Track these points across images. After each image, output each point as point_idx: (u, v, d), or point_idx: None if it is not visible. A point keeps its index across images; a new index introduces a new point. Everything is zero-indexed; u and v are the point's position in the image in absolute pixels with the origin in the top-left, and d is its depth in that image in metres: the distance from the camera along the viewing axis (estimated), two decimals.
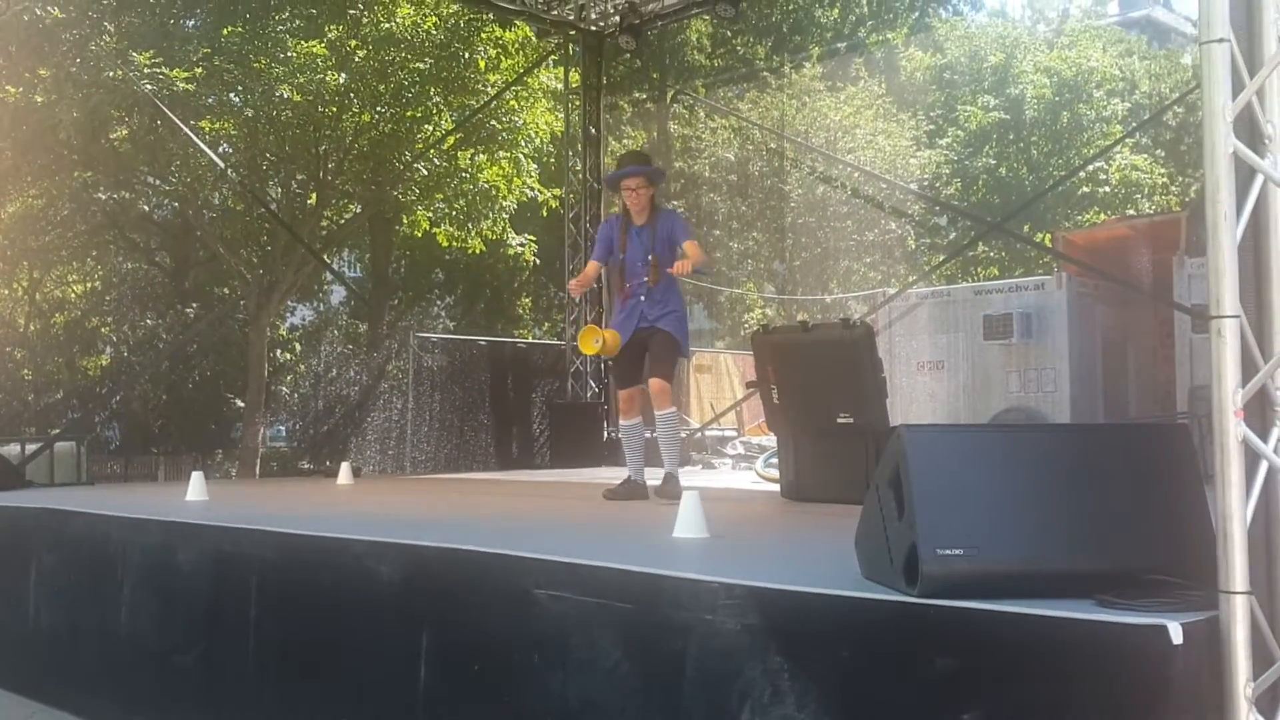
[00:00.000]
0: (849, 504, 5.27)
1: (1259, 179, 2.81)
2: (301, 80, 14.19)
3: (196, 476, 7.23)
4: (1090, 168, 23.81)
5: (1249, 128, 2.83)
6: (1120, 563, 2.96)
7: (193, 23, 15.55)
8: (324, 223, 17.21)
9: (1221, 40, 2.74)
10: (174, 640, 5.37)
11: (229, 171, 14.91)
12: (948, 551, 2.91)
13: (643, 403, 7.05)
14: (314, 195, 16.31)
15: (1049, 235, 21.84)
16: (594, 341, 6.92)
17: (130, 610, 5.66)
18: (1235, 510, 2.69)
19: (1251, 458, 2.73)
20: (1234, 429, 2.70)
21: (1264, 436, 2.78)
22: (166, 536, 5.60)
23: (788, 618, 3.16)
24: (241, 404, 18.95)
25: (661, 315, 6.80)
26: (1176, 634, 2.56)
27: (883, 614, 2.99)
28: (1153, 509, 3.08)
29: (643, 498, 6.84)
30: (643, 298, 6.84)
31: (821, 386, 6.54)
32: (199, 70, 13.76)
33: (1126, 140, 24.68)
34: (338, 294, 25.51)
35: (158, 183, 16.48)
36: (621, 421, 7.28)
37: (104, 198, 16.71)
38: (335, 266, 22.32)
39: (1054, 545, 3.00)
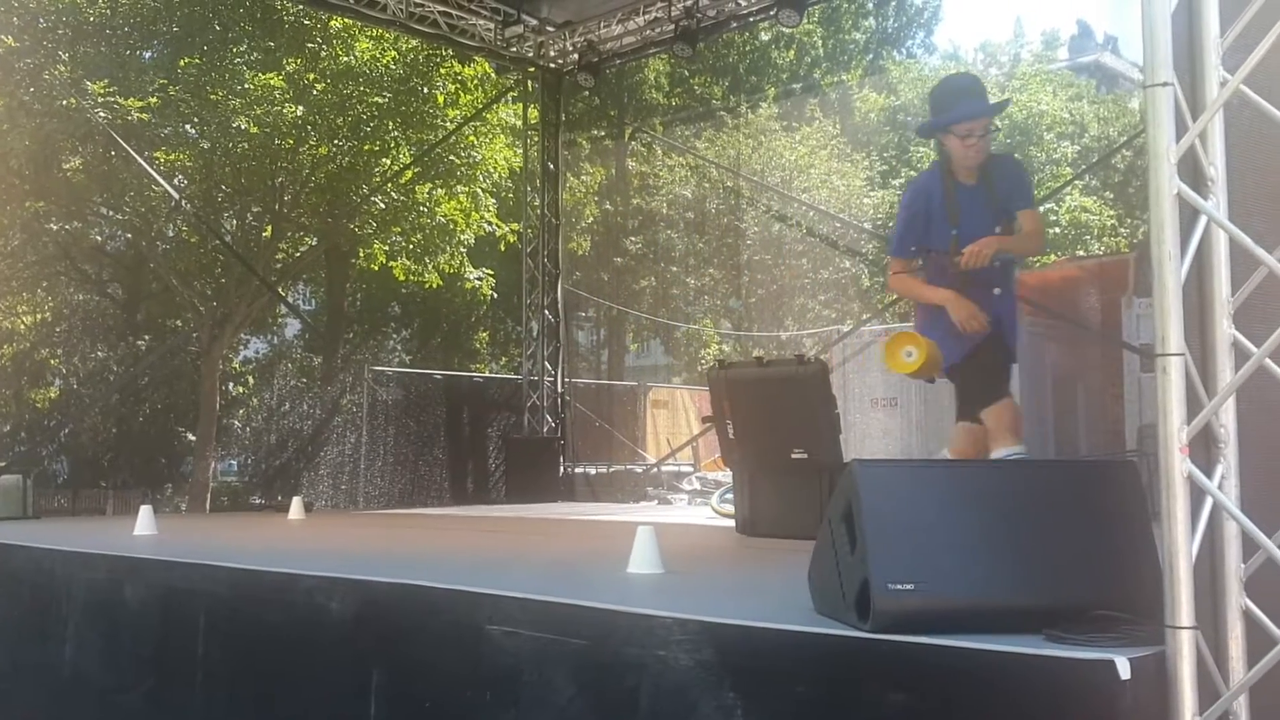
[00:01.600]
0: (804, 539, 5.29)
1: (1202, 220, 2.86)
2: (259, 112, 14.17)
3: (145, 511, 7.12)
4: (1041, 209, 24.16)
5: (1192, 169, 2.89)
6: (1069, 598, 2.99)
7: (149, 53, 15.52)
8: (279, 255, 17.12)
9: (1165, 84, 2.80)
10: (119, 678, 5.28)
11: (184, 203, 14.82)
12: (899, 586, 2.93)
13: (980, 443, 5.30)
14: (269, 227, 16.24)
15: None
16: (904, 354, 5.17)
17: (75, 647, 5.56)
18: (1181, 546, 2.72)
19: (1196, 494, 2.77)
20: (1179, 465, 2.74)
21: (1209, 473, 2.81)
22: (113, 572, 5.51)
23: (741, 653, 3.15)
24: (193, 438, 18.73)
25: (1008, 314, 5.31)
26: (1124, 669, 2.58)
27: (835, 649, 2.99)
28: (1101, 545, 3.11)
29: None
30: (997, 291, 5.22)
31: (776, 422, 6.56)
32: (154, 100, 13.71)
33: (1076, 182, 25.10)
34: (292, 327, 25.33)
35: (111, 213, 16.34)
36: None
37: (55, 228, 16.56)
38: (290, 299, 22.18)
39: (1004, 580, 3.02)
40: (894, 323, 17.42)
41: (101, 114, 12.99)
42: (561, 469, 13.81)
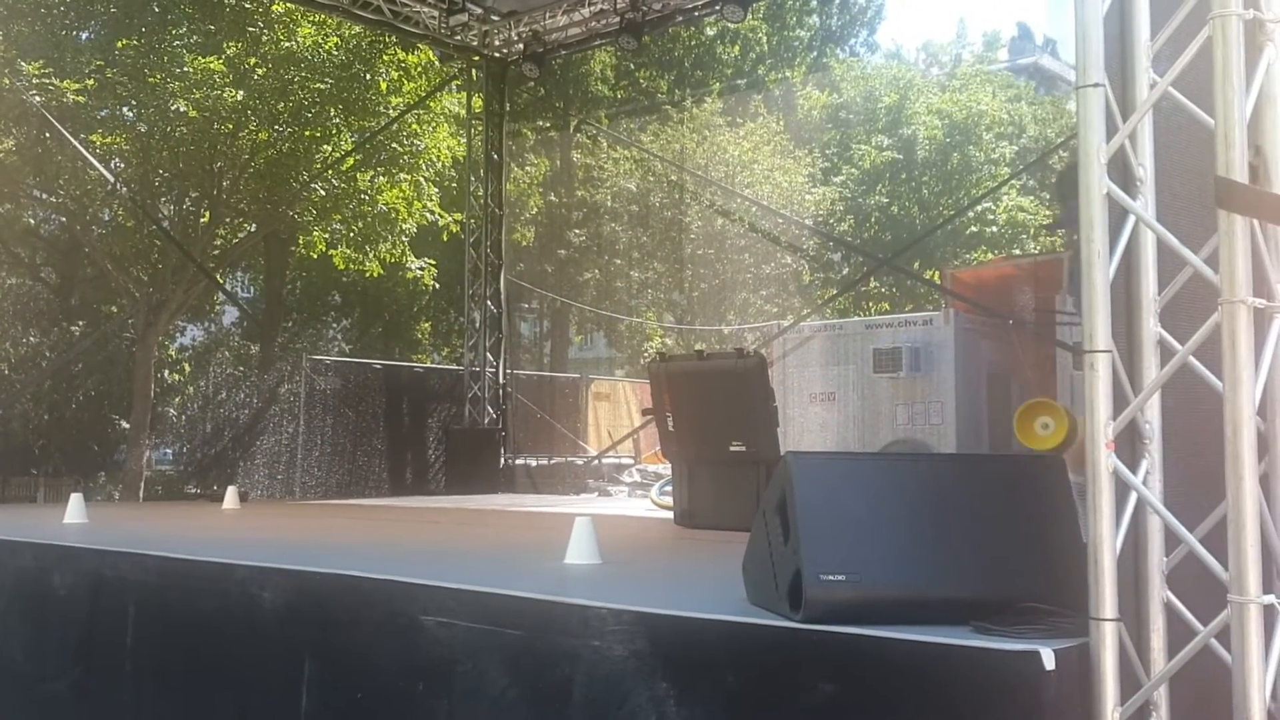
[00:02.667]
0: (741, 531, 5.33)
1: (1131, 219, 2.92)
2: (198, 96, 13.93)
3: (75, 498, 7.03)
4: (979, 208, 24.49)
5: (1122, 170, 2.95)
6: (997, 590, 3.04)
7: (86, 34, 15.19)
8: (217, 241, 16.86)
9: (1096, 85, 2.85)
10: (46, 667, 5.19)
11: (120, 187, 14.55)
12: (831, 577, 2.96)
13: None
14: (207, 213, 15.98)
15: (938, 272, 22.37)
16: (1039, 427, 4.45)
17: (1, 636, 5.46)
18: (1105, 540, 2.77)
19: (1121, 489, 2.82)
20: (1105, 460, 2.79)
21: (1133, 468, 2.87)
22: (41, 560, 5.43)
23: (674, 643, 3.17)
24: (127, 425, 18.43)
25: None
26: (1049, 660, 2.64)
27: (767, 639, 3.02)
28: (1028, 538, 3.17)
29: None
30: None
31: (715, 415, 6.60)
32: (91, 82, 13.43)
33: (1013, 182, 25.43)
34: (230, 314, 24.98)
35: (45, 196, 16.01)
36: None
37: None
38: (228, 286, 21.88)
39: (934, 572, 3.07)
40: (833, 318, 17.56)
41: (36, 95, 12.72)
42: (502, 460, 13.78)
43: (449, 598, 3.73)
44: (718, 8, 11.85)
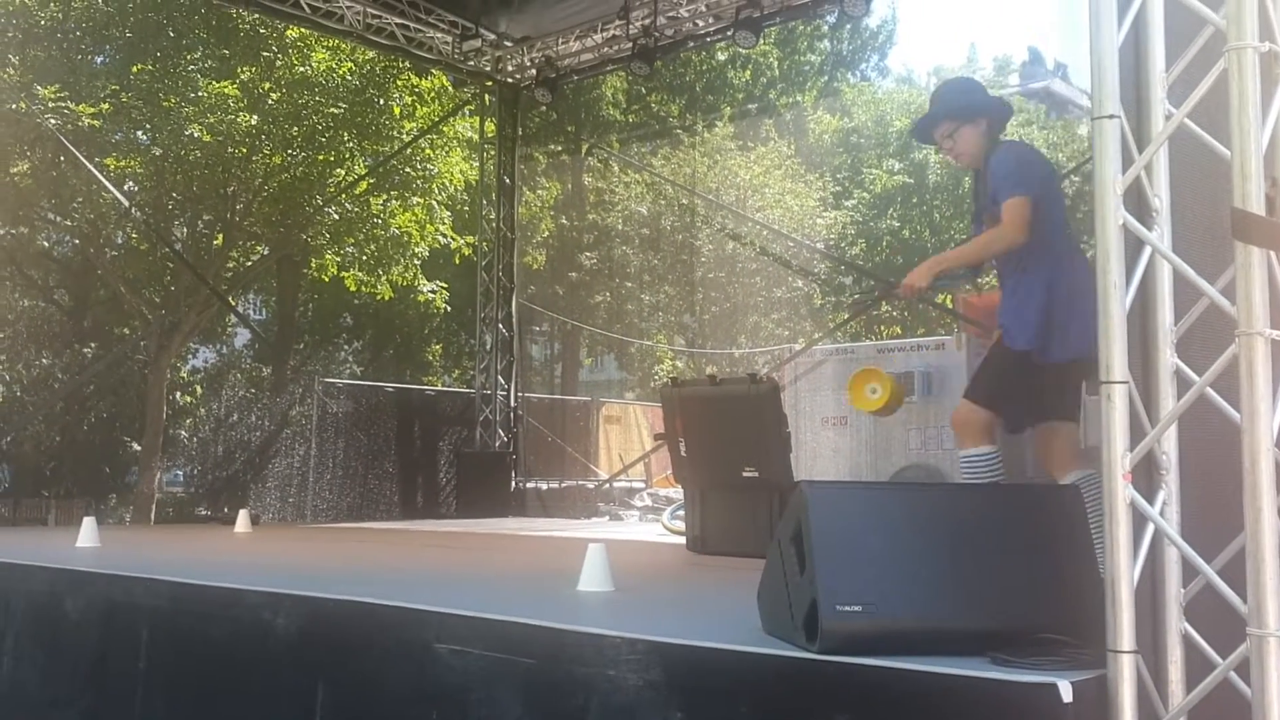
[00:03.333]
0: (753, 557, 5.32)
1: (1147, 250, 2.92)
2: (212, 120, 14.04)
3: (88, 522, 7.03)
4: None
5: (1137, 200, 2.94)
6: (1014, 621, 3.02)
7: (102, 59, 15.34)
8: (230, 264, 16.96)
9: (1112, 116, 2.85)
10: (58, 693, 5.19)
11: (133, 210, 14.64)
12: (847, 608, 2.95)
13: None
14: (220, 236, 16.09)
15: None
16: (868, 391, 4.85)
17: (13, 660, 5.46)
18: (1123, 571, 2.76)
19: (1139, 520, 2.81)
20: (1122, 491, 2.78)
21: (1150, 499, 2.86)
22: (54, 584, 5.43)
23: (689, 673, 3.16)
24: (138, 447, 18.47)
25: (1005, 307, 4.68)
26: (1067, 692, 2.62)
27: (783, 669, 3.01)
28: (1045, 568, 3.15)
29: None
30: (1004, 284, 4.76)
31: (728, 440, 6.59)
32: (106, 106, 13.55)
33: None
34: (242, 336, 25.05)
35: (58, 219, 16.12)
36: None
37: (1, 233, 16.29)
38: (240, 309, 21.97)
39: (950, 603, 3.05)
40: (845, 342, 17.56)
41: (51, 119, 12.82)
42: (513, 484, 13.77)
43: (462, 625, 3.72)
44: (730, 33, 11.90)
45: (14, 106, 12.96)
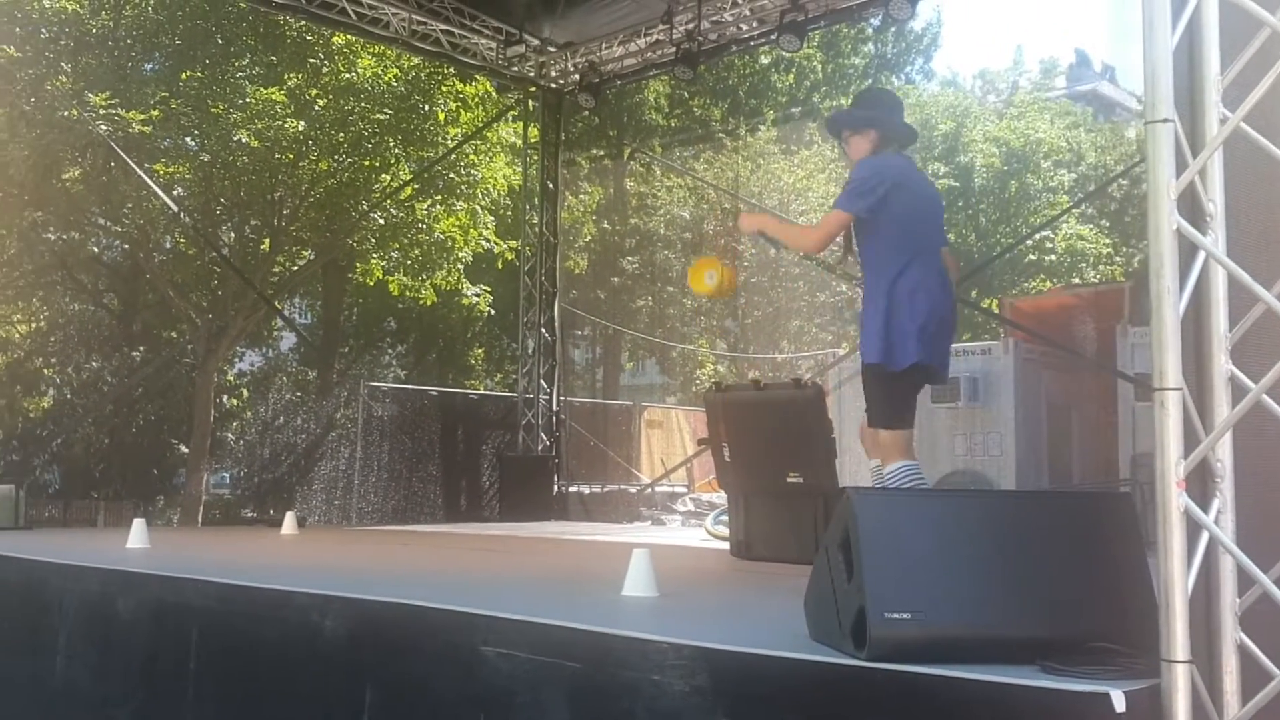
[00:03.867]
0: (798, 563, 5.30)
1: (1201, 255, 2.88)
2: (259, 126, 14.19)
3: (138, 524, 7.12)
4: (1037, 236, 24.30)
5: (1191, 205, 2.91)
6: (1065, 629, 3.00)
7: (151, 66, 15.54)
8: (276, 268, 17.13)
9: (1166, 120, 2.82)
10: (111, 692, 5.26)
11: (182, 215, 14.83)
12: (895, 615, 2.93)
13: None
14: (267, 241, 16.26)
15: (996, 301, 22.19)
16: (706, 277, 5.54)
17: (66, 660, 5.54)
18: (1177, 580, 2.73)
19: (1193, 528, 2.78)
20: (1176, 500, 2.75)
21: (1205, 507, 2.83)
22: (106, 585, 5.50)
23: (735, 679, 3.15)
24: (185, 450, 18.69)
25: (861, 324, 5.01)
26: (1119, 702, 2.59)
27: (830, 677, 3.00)
28: (1096, 576, 3.12)
29: None
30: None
31: (772, 445, 6.57)
32: (156, 113, 13.73)
33: (1073, 210, 25.20)
34: (287, 340, 25.32)
35: (108, 224, 16.35)
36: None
37: (53, 238, 16.56)
38: (286, 313, 22.18)
39: (1000, 610, 3.03)
40: None
41: (102, 126, 13.01)
42: (555, 488, 13.80)
43: (510, 629, 3.73)
44: (774, 37, 11.87)
45: (66, 114, 13.16)
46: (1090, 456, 12.00)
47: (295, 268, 17.98)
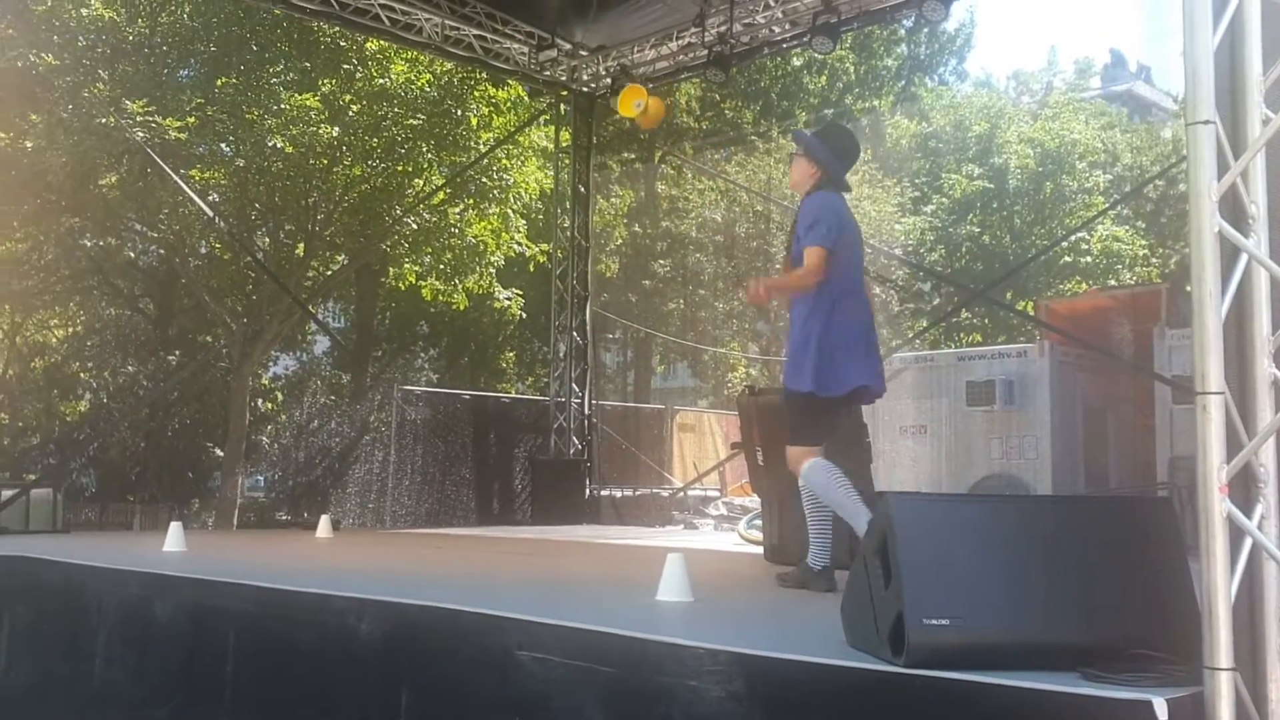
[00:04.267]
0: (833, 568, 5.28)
1: (1243, 257, 2.85)
2: (294, 132, 14.27)
3: (175, 527, 7.18)
4: (1073, 238, 24.11)
5: (1233, 207, 2.88)
6: (1105, 636, 2.97)
7: (187, 72, 15.66)
8: (310, 273, 17.23)
9: (1207, 122, 2.80)
10: (148, 693, 5.30)
11: (218, 220, 14.94)
12: (934, 621, 2.92)
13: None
14: (302, 246, 16.36)
15: (1031, 303, 22.04)
16: (634, 105, 5.87)
17: (105, 662, 5.60)
18: (1220, 586, 2.70)
19: (1236, 533, 2.75)
20: (1219, 505, 2.72)
21: (1248, 512, 2.79)
22: (144, 588, 5.55)
23: (772, 685, 3.14)
24: (220, 453, 18.84)
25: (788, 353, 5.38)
26: (1161, 710, 2.56)
27: (868, 683, 2.98)
28: (1137, 582, 3.09)
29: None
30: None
31: None
32: (192, 119, 13.83)
33: (1109, 212, 24.99)
34: (321, 344, 25.48)
35: (145, 230, 16.50)
36: None
37: (90, 244, 16.72)
38: (320, 316, 22.32)
39: (1039, 617, 3.00)
40: (924, 350, 17.36)
41: (139, 133, 13.12)
42: (587, 491, 13.80)
43: (545, 633, 3.74)
44: (806, 39, 11.83)
45: (103, 121, 13.28)
46: (1127, 459, 11.91)
47: (329, 272, 18.08)
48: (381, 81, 15.05)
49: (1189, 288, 2.88)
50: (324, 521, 9.37)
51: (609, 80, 13.57)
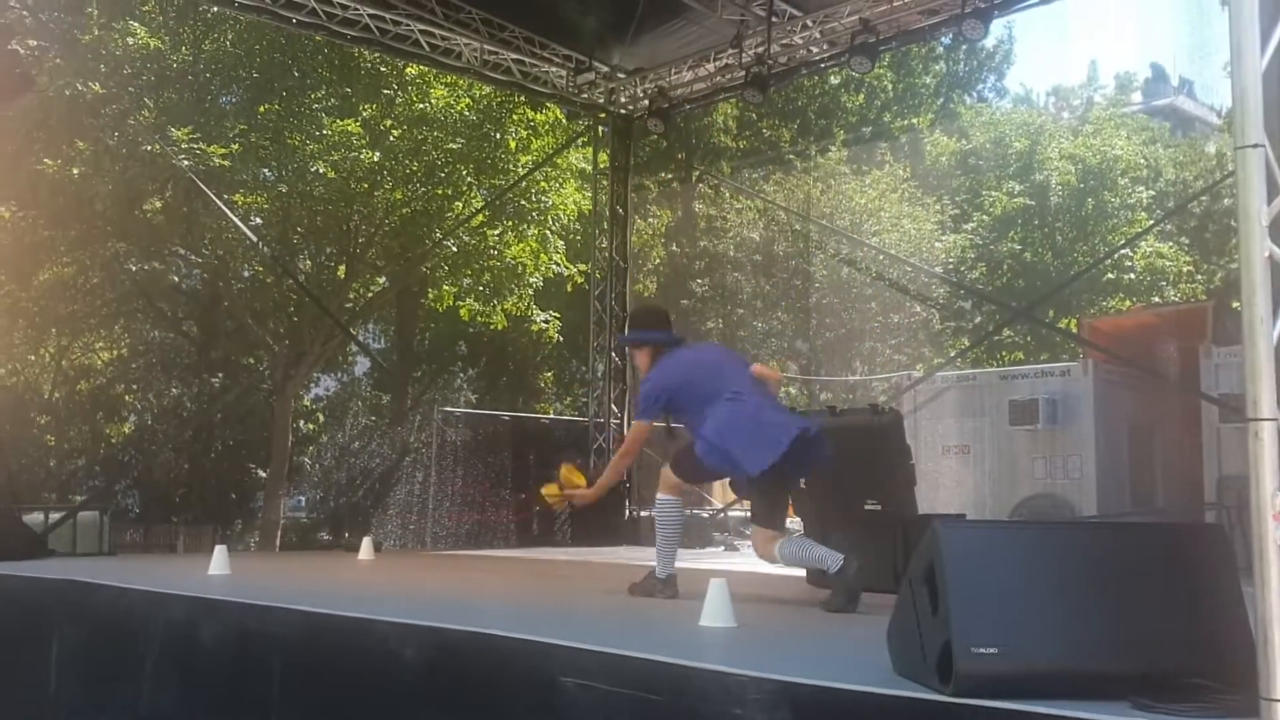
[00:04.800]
0: (877, 592, 5.24)
1: None
2: (335, 157, 14.43)
3: (220, 550, 7.23)
4: (1116, 254, 23.87)
5: None
6: (1157, 665, 2.93)
7: (229, 99, 15.86)
8: (351, 295, 17.38)
9: (1256, 145, 2.76)
10: (194, 716, 5.34)
11: (260, 245, 15.10)
12: (982, 650, 2.88)
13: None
14: (343, 268, 16.51)
15: (1074, 321, 21.83)
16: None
17: (152, 685, 5.63)
18: (1275, 615, 2.65)
19: None
20: (1272, 532, 2.67)
21: None
22: (190, 612, 5.59)
23: (818, 714, 3.12)
24: (263, 474, 18.99)
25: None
26: None
27: (917, 713, 2.95)
28: (1190, 610, 3.05)
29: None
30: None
31: (849, 472, 6.49)
32: (235, 146, 14.00)
33: (1153, 229, 24.73)
34: (361, 365, 25.66)
35: (188, 254, 16.70)
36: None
37: (135, 268, 16.93)
38: (360, 338, 22.48)
39: (1090, 645, 2.96)
40: (966, 369, 17.23)
41: (184, 160, 13.29)
42: (627, 512, 13.78)
43: (589, 660, 3.72)
44: (844, 59, 11.82)
45: (149, 148, 13.47)
46: (1174, 479, 11.77)
47: (370, 294, 18.22)
48: (421, 106, 15.19)
49: (1236, 304, 2.84)
50: (366, 543, 9.40)
51: (646, 102, 13.63)
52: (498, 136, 15.50)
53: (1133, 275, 24.88)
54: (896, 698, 3.01)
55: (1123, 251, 23.94)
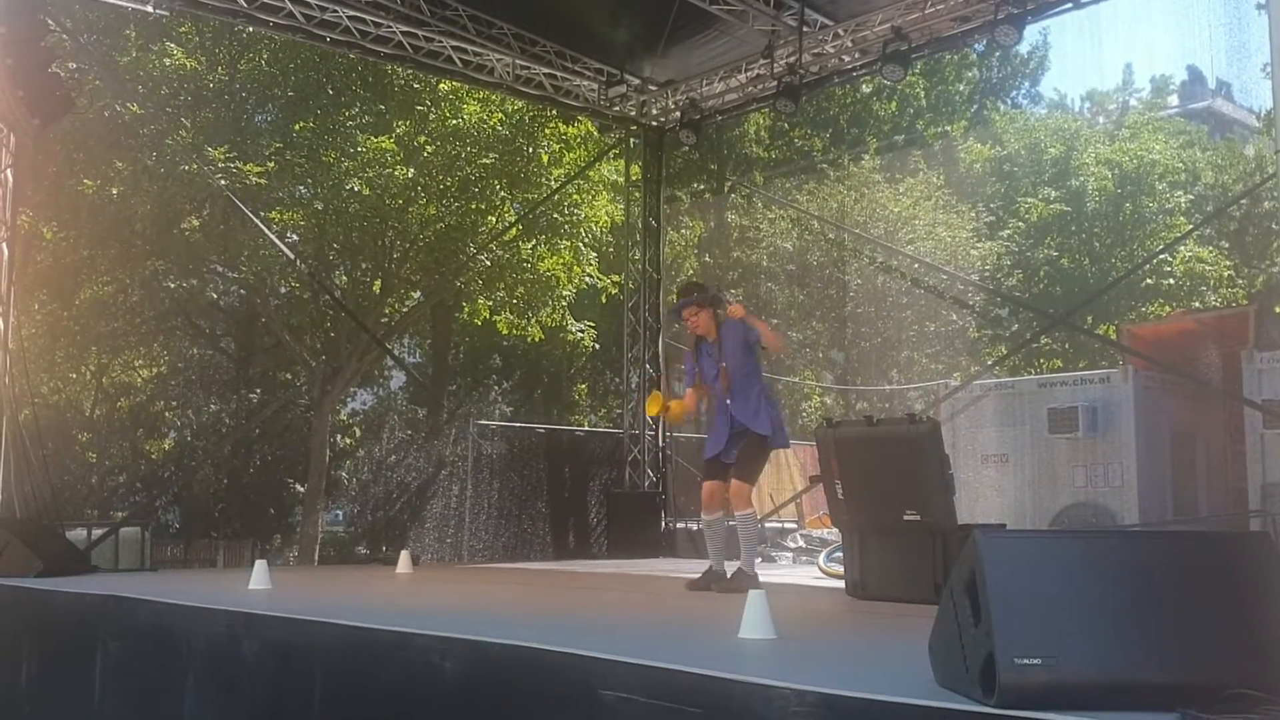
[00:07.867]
0: (916, 603, 5.21)
1: None
2: (370, 174, 14.53)
3: (260, 565, 7.28)
4: (1154, 260, 23.61)
5: None
6: (1204, 676, 2.89)
7: (265, 117, 16.01)
8: (387, 310, 17.48)
9: None
10: None
11: (297, 261, 15.21)
12: (1026, 661, 2.86)
13: (723, 498, 7.30)
14: (378, 284, 16.61)
15: (1113, 328, 21.63)
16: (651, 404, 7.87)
17: (194, 700, 5.67)
18: None
19: None
20: None
21: None
22: (232, 626, 5.62)
23: None
24: (301, 489, 19.11)
25: (752, 417, 7.15)
26: None
27: None
28: (1236, 620, 3.00)
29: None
30: (729, 402, 7.23)
31: (887, 482, 6.47)
32: (271, 164, 14.12)
33: (1193, 233, 24.45)
34: (397, 379, 25.79)
35: (226, 271, 16.85)
36: (703, 515, 7.56)
37: (173, 285, 17.10)
38: (396, 352, 22.59)
39: (1135, 656, 2.93)
40: (1004, 376, 17.10)
41: (221, 179, 13.42)
42: (663, 524, 13.77)
43: (629, 673, 3.72)
44: (877, 67, 11.79)
45: (186, 167, 13.61)
46: (1217, 486, 11.63)
47: (405, 309, 18.31)
48: (454, 122, 15.28)
49: (1278, 309, 2.81)
50: (404, 557, 9.44)
51: (678, 114, 13.64)
52: (530, 150, 15.56)
53: (1172, 280, 24.59)
54: (939, 709, 2.99)
55: (1161, 257, 23.66)
